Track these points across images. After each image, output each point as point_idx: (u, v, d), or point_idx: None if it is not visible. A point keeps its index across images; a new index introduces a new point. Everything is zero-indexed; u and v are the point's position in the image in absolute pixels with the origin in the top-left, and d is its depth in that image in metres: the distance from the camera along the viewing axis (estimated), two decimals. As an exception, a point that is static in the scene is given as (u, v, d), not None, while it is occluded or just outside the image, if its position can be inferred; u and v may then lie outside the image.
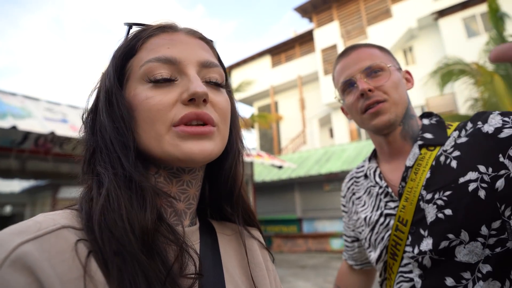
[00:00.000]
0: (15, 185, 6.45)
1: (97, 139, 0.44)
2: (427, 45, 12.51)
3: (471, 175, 0.67)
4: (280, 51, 16.93)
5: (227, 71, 0.53)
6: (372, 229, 0.84)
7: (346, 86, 0.85)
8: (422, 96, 11.71)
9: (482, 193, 0.64)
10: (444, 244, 0.66)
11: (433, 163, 0.74)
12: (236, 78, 17.37)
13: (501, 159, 0.64)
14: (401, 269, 0.75)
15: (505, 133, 0.65)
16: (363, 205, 0.92)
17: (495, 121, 0.68)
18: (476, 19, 11.27)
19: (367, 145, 9.83)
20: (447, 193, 0.68)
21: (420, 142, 0.79)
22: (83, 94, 0.52)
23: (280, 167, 7.85)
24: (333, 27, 14.29)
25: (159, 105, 0.42)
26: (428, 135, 0.80)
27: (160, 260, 0.36)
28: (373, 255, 0.84)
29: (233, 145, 0.54)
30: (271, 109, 16.51)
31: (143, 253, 0.35)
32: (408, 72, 0.90)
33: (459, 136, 0.74)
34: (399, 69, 0.87)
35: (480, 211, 0.64)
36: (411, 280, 0.72)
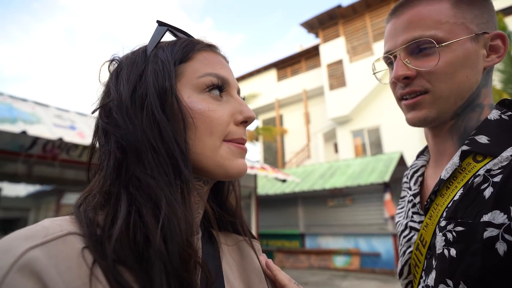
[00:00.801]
0: (21, 190, 6.48)
1: (138, 140, 0.40)
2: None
3: (498, 216, 0.47)
4: (286, 65, 17.12)
5: None
6: (399, 238, 0.73)
7: (388, 61, 0.67)
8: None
9: (501, 248, 0.45)
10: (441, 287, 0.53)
11: (469, 182, 0.55)
12: (241, 91, 17.48)
13: None
14: None
15: None
16: (402, 207, 0.78)
17: None
18: (482, 39, 11.34)
19: (372, 161, 9.77)
20: (459, 229, 0.52)
21: (465, 148, 0.57)
22: (90, 102, 0.46)
23: (284, 180, 7.81)
24: (339, 42, 14.46)
25: (220, 120, 0.45)
26: (482, 139, 0.56)
27: (193, 281, 0.37)
28: (398, 268, 0.73)
29: None
30: (276, 123, 16.57)
31: (186, 272, 0.36)
32: (499, 36, 0.60)
33: None
34: (479, 34, 0.58)
35: (492, 270, 0.46)
36: None
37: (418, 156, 0.78)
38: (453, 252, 0.52)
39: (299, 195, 10.29)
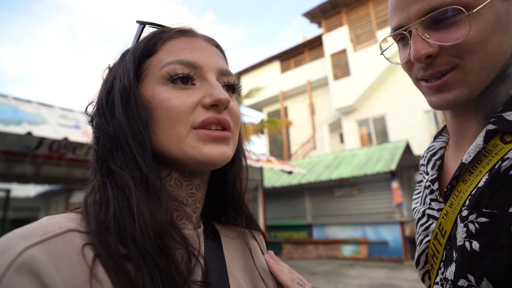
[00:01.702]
0: (30, 190, 6.61)
1: (111, 137, 0.43)
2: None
3: None
4: (289, 57, 16.98)
5: (236, 77, 0.55)
6: (416, 226, 0.67)
7: (397, 37, 0.56)
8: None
9: None
10: (462, 282, 0.48)
11: (496, 167, 0.47)
12: (245, 84, 17.47)
13: None
14: (434, 286, 0.59)
15: None
16: (418, 192, 0.73)
17: None
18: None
19: (378, 150, 9.71)
20: (482, 220, 0.46)
21: (490, 127, 0.50)
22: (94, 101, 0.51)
23: (290, 172, 7.82)
24: (342, 32, 14.26)
25: (181, 107, 0.43)
26: (510, 116, 0.49)
27: (173, 265, 0.36)
28: (415, 256, 0.67)
29: (238, 150, 0.55)
30: (280, 115, 16.51)
31: (158, 256, 0.35)
32: None
33: None
34: None
35: None
36: None
37: (436, 137, 0.69)
38: (475, 245, 0.46)
39: (306, 186, 10.30)
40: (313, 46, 16.15)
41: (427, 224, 0.61)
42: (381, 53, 0.64)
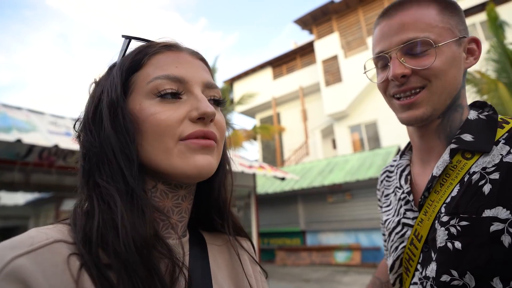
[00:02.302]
0: (19, 198, 6.47)
1: (98, 151, 0.43)
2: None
3: (501, 212, 0.52)
4: (281, 63, 17.11)
5: (229, 84, 0.55)
6: (389, 235, 0.76)
7: (378, 61, 0.68)
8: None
9: (506, 240, 0.50)
10: (445, 278, 0.56)
11: (464, 179, 0.59)
12: (238, 91, 17.51)
13: None
14: (411, 287, 0.67)
15: None
16: (388, 205, 0.82)
17: None
18: (476, 27, 11.37)
19: (370, 156, 9.79)
20: (463, 223, 0.55)
21: (453, 146, 0.62)
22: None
23: (282, 178, 7.82)
24: (333, 38, 14.45)
25: (168, 121, 0.43)
26: (467, 137, 0.61)
27: (156, 276, 0.37)
28: (388, 262, 0.76)
29: (223, 159, 0.56)
30: (273, 121, 16.57)
31: (140, 268, 0.36)
32: (475, 41, 0.66)
33: (508, 153, 0.56)
34: (460, 38, 0.64)
35: (497, 259, 0.51)
36: None
37: (401, 156, 0.80)
38: (458, 245, 0.54)
39: (299, 192, 10.30)
40: (305, 52, 16.32)
41: (402, 232, 0.70)
42: (364, 73, 0.77)
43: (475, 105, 0.68)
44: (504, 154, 0.56)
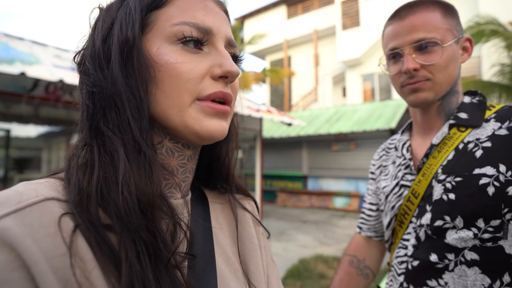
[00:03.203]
0: (31, 130, 6.65)
1: (106, 93, 0.38)
2: (459, 2, 11.55)
3: (488, 170, 0.66)
4: (297, 1, 15.91)
5: (240, 22, 0.49)
6: (386, 197, 0.87)
7: (392, 56, 0.81)
8: (444, 57, 11.10)
9: (491, 190, 0.65)
10: (438, 222, 0.70)
11: (459, 146, 0.73)
12: (249, 29, 16.63)
13: None
14: (404, 236, 0.80)
15: None
16: (386, 174, 0.93)
17: None
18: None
19: (380, 107, 9.60)
20: (458, 179, 0.69)
21: (451, 121, 0.77)
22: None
23: (289, 124, 7.82)
24: (357, -24, 13.19)
25: (190, 74, 0.39)
26: (463, 115, 0.77)
27: (160, 238, 0.35)
28: (384, 222, 0.88)
29: (232, 123, 0.53)
30: (283, 64, 16.00)
31: (144, 227, 0.34)
32: (469, 40, 0.81)
33: (500, 128, 0.70)
34: (459, 38, 0.78)
35: (482, 205, 0.65)
36: (406, 247, 0.78)
37: (402, 133, 0.94)
38: (452, 196, 0.69)
39: (304, 138, 10.38)
40: (324, -10, 15.06)
41: (400, 192, 0.83)
42: (379, 65, 0.88)
43: (468, 93, 0.84)
44: (496, 128, 0.71)
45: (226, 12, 0.47)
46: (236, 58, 0.47)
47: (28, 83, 4.06)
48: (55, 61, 4.22)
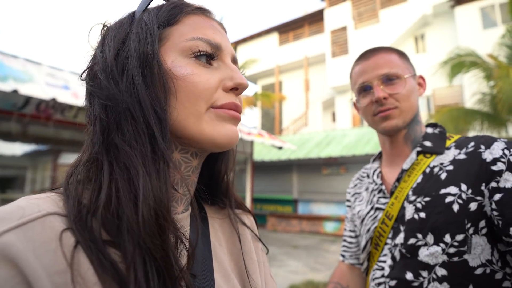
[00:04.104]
0: (17, 149, 6.49)
1: (119, 107, 0.38)
2: (440, 34, 12.18)
3: (452, 189, 0.74)
4: (288, 29, 16.52)
5: (233, 46, 0.53)
6: (362, 221, 0.93)
7: (362, 89, 0.90)
8: (429, 86, 11.53)
9: (455, 207, 0.72)
10: (411, 241, 0.76)
11: (426, 171, 0.82)
12: (241, 54, 17.04)
13: (482, 187, 0.71)
14: (380, 258, 0.84)
15: (497, 166, 0.70)
16: (360, 200, 1.00)
17: (496, 151, 0.72)
18: (494, 9, 10.92)
19: (369, 132, 9.80)
20: (427, 199, 0.77)
21: (418, 149, 0.86)
22: (84, 62, 0.46)
23: (280, 147, 7.86)
24: (345, 7, 13.85)
25: (207, 84, 0.41)
26: (428, 143, 0.87)
27: (172, 254, 0.35)
28: (360, 245, 0.94)
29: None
30: (275, 89, 16.32)
31: (160, 249, 0.33)
32: (422, 78, 0.94)
33: (459, 153, 0.80)
34: (414, 75, 0.91)
35: (448, 221, 0.72)
36: (383, 268, 0.82)
37: (372, 162, 1.04)
38: (422, 215, 0.76)
39: (295, 162, 10.42)
40: (314, 20, 15.71)
41: (374, 215, 0.89)
42: (350, 99, 1.11)
43: (430, 125, 0.94)
44: (456, 154, 0.81)
45: (226, 31, 0.51)
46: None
47: (19, 101, 4.01)
48: (48, 79, 4.21)
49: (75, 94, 4.15)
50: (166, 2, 0.47)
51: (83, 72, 0.44)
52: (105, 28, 0.46)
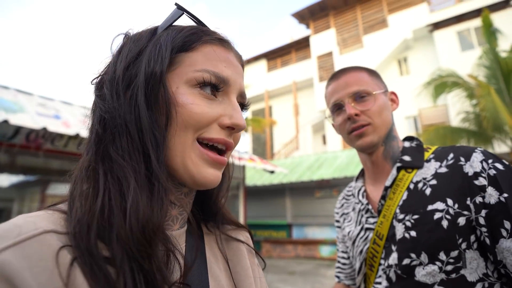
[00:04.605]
0: (4, 180, 6.31)
1: (119, 120, 0.39)
2: (422, 56, 12.72)
3: (439, 205, 0.74)
4: (276, 56, 17.03)
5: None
6: (353, 243, 0.92)
7: (335, 108, 0.93)
8: (415, 107, 11.87)
9: (445, 223, 0.71)
10: (406, 261, 0.74)
11: (410, 187, 0.82)
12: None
13: (468, 202, 0.71)
14: (376, 279, 0.82)
15: (479, 181, 0.71)
16: (349, 221, 0.99)
17: (476, 163, 0.73)
18: (470, 32, 11.53)
19: (359, 153, 9.90)
20: (415, 216, 0.76)
21: (398, 164, 0.86)
22: (75, 91, 0.46)
23: (272, 172, 7.85)
24: (330, 34, 14.43)
25: (203, 117, 0.41)
26: (407, 158, 0.87)
27: (157, 268, 0.35)
28: (355, 267, 0.92)
29: (227, 168, 0.55)
30: (265, 114, 16.54)
31: (147, 260, 0.34)
32: (394, 93, 0.96)
33: (440, 166, 0.80)
34: (386, 91, 0.93)
35: (440, 238, 0.71)
36: None
37: (356, 180, 1.03)
38: (413, 233, 0.74)
39: (287, 186, 10.38)
40: (301, 46, 16.27)
41: (365, 236, 0.88)
42: (326, 118, 1.01)
43: (407, 139, 0.95)
44: (437, 167, 0.80)
45: (242, 65, 0.51)
46: (243, 106, 0.51)
47: (9, 131, 3.97)
48: (39, 109, 4.20)
49: (65, 123, 4.13)
50: (194, 22, 0.48)
51: (95, 78, 0.45)
52: (126, 37, 0.46)
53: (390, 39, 12.90)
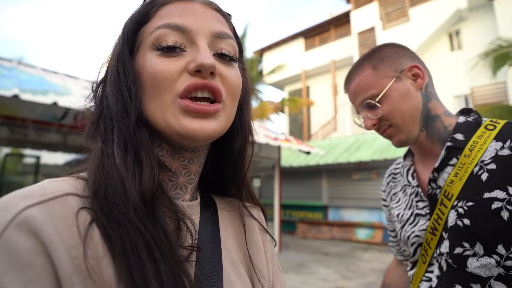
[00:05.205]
0: (59, 158, 6.94)
1: (102, 108, 0.44)
2: (477, 29, 11.52)
3: (498, 193, 0.65)
4: (314, 34, 16.43)
5: (259, 54, 0.52)
6: (403, 227, 0.86)
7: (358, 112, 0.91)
8: (466, 84, 10.91)
9: (505, 215, 0.62)
10: (458, 250, 0.67)
11: (473, 171, 0.71)
12: (267, 62, 17.16)
13: None
14: (428, 268, 0.77)
15: None
16: (398, 202, 0.93)
17: None
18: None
19: (401, 135, 9.41)
20: (469, 204, 0.68)
21: (449, 144, 0.76)
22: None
23: (308, 152, 7.76)
24: (372, 8, 13.55)
25: (165, 73, 0.41)
26: (459, 136, 0.76)
27: (161, 229, 0.36)
28: (407, 252, 0.87)
29: (244, 124, 0.53)
30: (302, 94, 16.22)
31: (143, 221, 0.35)
32: (415, 66, 0.82)
33: (502, 147, 0.69)
34: (399, 74, 0.81)
35: (500, 231, 0.63)
36: (431, 280, 0.75)
37: (404, 158, 0.96)
38: (466, 221, 0.67)
39: (324, 167, 10.24)
40: (340, 23, 15.51)
41: (415, 222, 0.82)
42: (354, 121, 0.95)
43: (463, 112, 0.83)
44: (498, 148, 0.69)
45: (217, 9, 0.48)
46: (225, 56, 0.46)
47: (58, 112, 4.32)
48: (85, 92, 4.50)
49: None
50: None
51: (92, 86, 0.50)
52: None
53: (441, 11, 11.80)
